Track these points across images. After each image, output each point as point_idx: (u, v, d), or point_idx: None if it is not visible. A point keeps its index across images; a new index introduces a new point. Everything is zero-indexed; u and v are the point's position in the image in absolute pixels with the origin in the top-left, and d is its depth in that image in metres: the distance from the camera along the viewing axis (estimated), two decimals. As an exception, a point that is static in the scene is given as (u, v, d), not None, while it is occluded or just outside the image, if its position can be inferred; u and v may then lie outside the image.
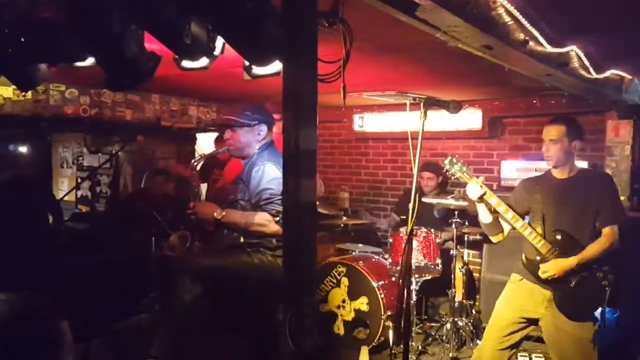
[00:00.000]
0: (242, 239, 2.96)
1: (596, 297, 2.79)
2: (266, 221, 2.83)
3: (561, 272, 2.76)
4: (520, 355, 4.06)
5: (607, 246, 2.80)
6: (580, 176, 2.93)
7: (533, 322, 2.91)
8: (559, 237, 2.82)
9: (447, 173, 3.05)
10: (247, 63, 2.11)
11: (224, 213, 2.89)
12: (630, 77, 3.82)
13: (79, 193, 7.01)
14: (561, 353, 2.85)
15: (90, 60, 2.34)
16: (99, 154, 6.60)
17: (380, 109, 6.11)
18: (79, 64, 2.39)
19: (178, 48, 1.89)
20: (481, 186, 2.90)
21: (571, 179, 2.93)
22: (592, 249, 2.79)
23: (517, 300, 2.94)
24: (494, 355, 2.94)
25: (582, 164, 4.66)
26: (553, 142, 2.88)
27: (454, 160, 3.03)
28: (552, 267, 2.77)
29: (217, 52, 2.02)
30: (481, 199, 2.93)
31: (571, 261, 2.76)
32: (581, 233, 2.83)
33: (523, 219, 2.92)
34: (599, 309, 2.98)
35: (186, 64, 2.21)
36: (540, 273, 2.79)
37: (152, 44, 2.03)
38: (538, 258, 2.84)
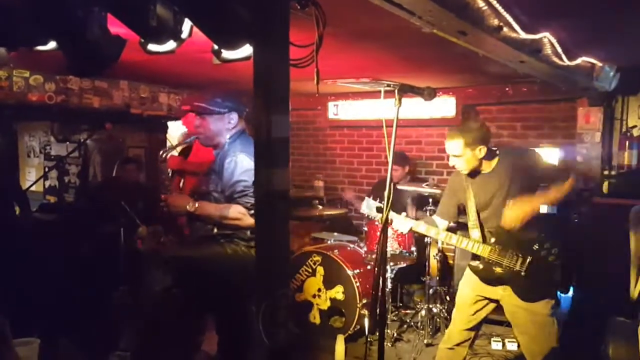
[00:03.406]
0: (215, 230, 2.89)
1: (550, 275, 2.84)
2: (241, 214, 2.76)
3: (524, 215, 2.76)
4: (494, 341, 4.12)
5: (567, 189, 2.81)
6: (501, 164, 2.90)
7: (494, 300, 2.97)
8: (493, 239, 2.86)
9: (365, 214, 3.14)
10: (216, 47, 2.03)
11: (197, 205, 2.81)
12: (600, 64, 3.86)
13: (47, 183, 6.81)
14: (523, 329, 2.91)
15: (52, 44, 2.24)
16: (67, 142, 6.41)
17: (355, 96, 6.07)
18: (40, 48, 2.29)
19: (143, 31, 1.82)
20: (405, 219, 2.97)
21: (493, 171, 2.91)
22: (556, 191, 2.80)
23: (477, 281, 2.97)
24: (462, 334, 3.00)
25: (553, 152, 4.74)
26: (456, 157, 2.88)
27: (370, 202, 3.11)
28: (514, 213, 2.77)
29: (184, 35, 1.95)
30: (410, 230, 3.00)
31: (532, 202, 2.77)
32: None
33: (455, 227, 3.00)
34: (570, 291, 3.02)
35: (152, 47, 2.12)
36: (504, 223, 2.80)
37: (117, 28, 1.95)
38: (481, 266, 2.88)
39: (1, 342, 1.31)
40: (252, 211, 2.73)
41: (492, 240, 2.87)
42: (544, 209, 3.06)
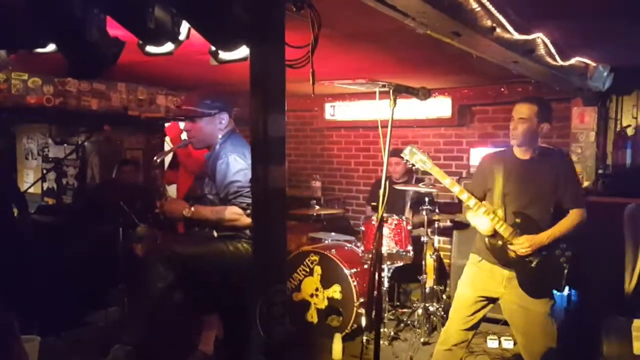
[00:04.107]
0: (215, 233, 2.90)
1: (556, 274, 2.87)
2: (237, 215, 2.77)
3: (534, 247, 2.80)
4: (490, 339, 4.15)
5: (576, 224, 2.86)
6: (541, 157, 2.93)
7: (493, 300, 2.98)
8: (518, 220, 2.86)
9: (408, 163, 3.00)
10: (213, 48, 2.06)
11: (192, 210, 2.82)
12: (594, 64, 3.90)
13: (45, 185, 6.83)
14: (522, 329, 2.92)
15: (51, 47, 2.27)
16: (65, 144, 6.43)
17: (351, 97, 6.11)
18: (39, 50, 2.32)
19: (142, 33, 1.85)
20: (451, 182, 2.90)
21: (532, 160, 2.93)
22: (562, 226, 2.85)
23: (479, 280, 2.99)
24: (459, 335, 3.00)
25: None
26: (522, 120, 2.86)
27: (414, 149, 2.94)
28: (525, 241, 2.80)
29: (182, 37, 1.98)
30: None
31: (542, 237, 2.81)
32: (541, 214, 2.88)
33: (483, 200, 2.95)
34: (566, 290, 3.03)
35: (150, 49, 2.15)
36: (513, 248, 2.83)
37: (116, 30, 1.98)
38: (500, 242, 2.89)
39: (16, 340, 1.35)
40: (248, 211, 2.74)
41: (517, 221, 2.87)
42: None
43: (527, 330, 2.90)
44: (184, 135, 4.14)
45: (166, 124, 5.74)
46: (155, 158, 3.10)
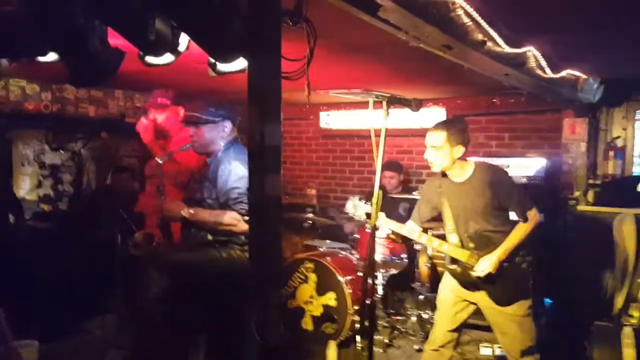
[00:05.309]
0: (210, 237, 2.95)
1: (522, 280, 2.94)
2: (235, 220, 2.82)
3: (495, 265, 2.85)
4: (482, 346, 4.18)
5: (530, 230, 2.90)
6: (475, 178, 2.95)
7: (472, 302, 3.04)
8: (472, 244, 2.92)
9: (354, 216, 3.11)
10: (212, 60, 2.12)
11: (191, 211, 2.87)
12: (585, 76, 3.97)
13: (41, 191, 6.83)
14: (501, 329, 2.99)
15: (52, 56, 2.32)
16: (61, 151, 6.45)
17: (346, 106, 6.17)
18: (41, 59, 2.36)
19: (142, 44, 1.90)
20: (386, 221, 2.97)
21: (467, 183, 2.96)
22: (516, 236, 2.89)
23: (455, 284, 3.06)
24: (445, 336, 3.07)
25: (539, 162, 4.85)
26: (434, 148, 2.91)
27: (356, 202, 3.04)
28: (486, 266, 2.85)
29: (181, 48, 2.03)
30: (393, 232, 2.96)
31: (499, 253, 2.85)
32: (493, 229, 2.92)
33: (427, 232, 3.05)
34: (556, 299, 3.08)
35: (150, 59, 2.20)
36: (476, 274, 2.88)
37: (116, 40, 2.03)
38: (459, 269, 2.94)
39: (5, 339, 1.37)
40: (247, 218, 2.79)
41: (471, 245, 2.92)
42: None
43: (506, 330, 2.97)
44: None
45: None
46: (157, 159, 3.20)
